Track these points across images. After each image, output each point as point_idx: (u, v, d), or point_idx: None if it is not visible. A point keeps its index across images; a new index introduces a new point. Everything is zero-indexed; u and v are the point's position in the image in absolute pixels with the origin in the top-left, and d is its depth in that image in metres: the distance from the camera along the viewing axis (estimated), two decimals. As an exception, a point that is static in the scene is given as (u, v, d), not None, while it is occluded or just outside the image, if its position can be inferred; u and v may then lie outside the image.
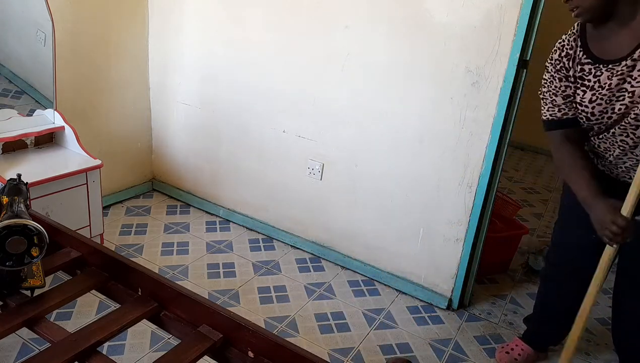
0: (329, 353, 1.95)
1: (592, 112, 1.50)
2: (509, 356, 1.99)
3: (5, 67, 2.35)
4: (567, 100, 1.56)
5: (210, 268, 2.41)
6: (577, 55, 1.49)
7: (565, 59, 1.51)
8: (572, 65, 1.51)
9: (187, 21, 2.65)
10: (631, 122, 1.43)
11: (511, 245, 2.61)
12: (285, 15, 2.32)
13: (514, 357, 1.99)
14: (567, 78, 1.53)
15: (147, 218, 2.80)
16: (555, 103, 1.57)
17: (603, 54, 1.45)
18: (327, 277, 2.44)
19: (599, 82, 1.45)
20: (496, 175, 2.09)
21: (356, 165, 2.34)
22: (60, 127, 2.31)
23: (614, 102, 1.44)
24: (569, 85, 1.53)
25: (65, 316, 1.98)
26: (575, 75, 1.51)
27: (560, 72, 1.54)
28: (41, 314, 1.08)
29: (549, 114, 1.59)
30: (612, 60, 1.42)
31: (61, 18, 2.29)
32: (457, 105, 2.03)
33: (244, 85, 2.55)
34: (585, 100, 1.50)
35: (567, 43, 1.51)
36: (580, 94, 1.51)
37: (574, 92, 1.54)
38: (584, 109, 1.51)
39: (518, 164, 4.44)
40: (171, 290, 1.12)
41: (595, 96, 1.47)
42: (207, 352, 1.03)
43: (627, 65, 1.39)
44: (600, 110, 1.48)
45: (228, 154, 2.74)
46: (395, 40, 2.09)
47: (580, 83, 1.50)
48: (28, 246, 1.01)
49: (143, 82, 2.87)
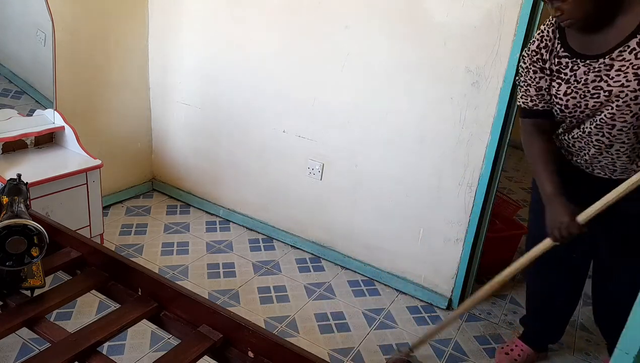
0: (329, 353, 1.95)
1: (565, 104, 1.50)
2: (509, 357, 1.99)
3: (5, 67, 2.35)
4: (539, 92, 1.56)
5: (210, 268, 2.41)
6: (555, 47, 1.48)
7: (544, 50, 1.50)
8: (549, 58, 1.50)
9: (187, 21, 2.65)
10: (607, 122, 1.43)
11: (511, 245, 2.61)
12: (286, 15, 2.32)
13: (513, 357, 1.99)
14: (543, 70, 1.52)
15: (147, 218, 2.80)
16: (528, 93, 1.58)
17: (581, 49, 1.44)
18: (327, 277, 2.44)
19: (575, 76, 1.45)
20: (496, 175, 2.09)
21: (356, 165, 2.34)
22: (60, 127, 2.31)
23: (588, 98, 1.44)
24: (543, 76, 1.53)
25: (65, 316, 1.98)
26: (551, 67, 1.51)
27: (536, 64, 1.53)
28: (41, 314, 1.08)
29: (522, 102, 1.61)
30: (590, 55, 1.41)
31: (61, 18, 2.29)
32: (457, 105, 2.03)
33: (244, 85, 2.55)
34: (560, 93, 1.49)
35: (546, 34, 1.50)
36: (555, 86, 1.51)
37: (549, 84, 1.53)
38: (559, 101, 1.51)
39: (518, 164, 4.44)
40: (171, 290, 1.12)
41: (570, 89, 1.47)
42: (207, 352, 1.03)
43: (604, 63, 1.38)
44: (574, 103, 1.48)
45: (228, 153, 2.74)
46: (395, 40, 2.09)
47: (556, 76, 1.50)
48: (28, 246, 1.01)
49: (143, 82, 2.87)
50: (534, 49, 1.52)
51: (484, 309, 2.32)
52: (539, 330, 2.01)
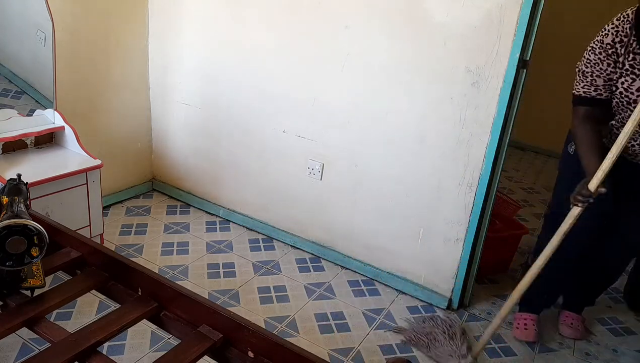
0: (329, 353, 1.95)
1: (635, 99, 1.58)
2: (528, 332, 2.12)
3: (5, 67, 2.35)
4: (607, 83, 1.64)
5: (210, 268, 2.41)
6: (630, 43, 1.54)
7: (619, 45, 1.56)
8: (624, 53, 1.56)
9: (187, 21, 2.65)
10: None
11: (511, 245, 2.61)
12: (286, 15, 2.32)
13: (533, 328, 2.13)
14: (616, 63, 1.58)
15: (147, 218, 2.80)
16: (594, 83, 1.65)
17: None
18: (327, 277, 2.44)
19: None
20: (496, 175, 2.09)
21: (356, 165, 2.34)
22: (60, 127, 2.31)
23: None
24: (615, 70, 1.60)
25: (65, 316, 1.98)
26: (624, 62, 1.57)
27: (611, 57, 1.58)
28: (41, 314, 1.08)
29: (583, 91, 1.69)
30: None
31: (61, 18, 2.29)
32: (457, 105, 2.03)
33: (244, 85, 2.55)
34: (633, 88, 1.57)
35: (622, 30, 1.55)
36: (628, 81, 1.58)
37: (618, 77, 1.60)
38: (629, 95, 1.59)
39: (518, 164, 4.44)
40: (171, 290, 1.12)
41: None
42: (207, 352, 1.03)
43: None
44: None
45: (228, 153, 2.74)
46: (395, 40, 2.09)
47: (630, 71, 1.57)
48: (28, 246, 1.01)
49: (143, 82, 2.87)
50: (609, 42, 1.57)
51: (484, 309, 2.32)
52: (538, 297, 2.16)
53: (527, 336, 2.12)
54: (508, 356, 2.04)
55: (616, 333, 2.26)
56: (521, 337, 2.13)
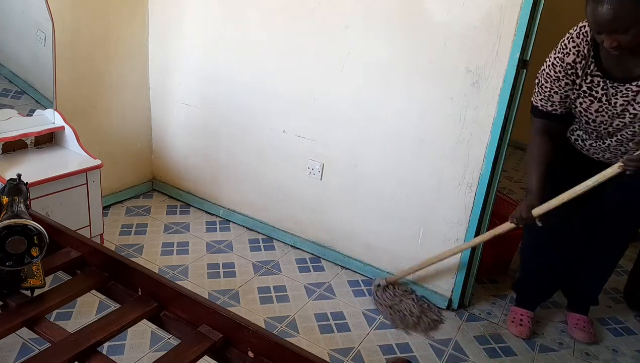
0: (329, 353, 1.95)
1: (593, 119, 1.59)
2: (523, 328, 2.15)
3: (5, 67, 2.35)
4: (563, 100, 1.63)
5: (210, 268, 2.41)
6: (588, 65, 1.52)
7: (579, 66, 1.53)
8: (581, 75, 1.54)
9: (187, 21, 2.65)
10: (628, 138, 1.56)
11: (511, 245, 2.61)
12: (286, 15, 2.32)
13: (527, 325, 2.15)
14: (574, 84, 1.57)
15: (147, 218, 2.80)
16: (551, 99, 1.65)
17: (613, 71, 1.48)
18: (327, 277, 2.44)
19: (606, 96, 1.51)
20: (496, 175, 2.09)
21: (356, 165, 2.34)
22: (60, 127, 2.31)
23: (615, 118, 1.53)
24: (572, 89, 1.58)
25: (65, 316, 1.98)
26: (581, 83, 1.55)
27: (569, 78, 1.57)
28: (41, 314, 1.08)
29: (540, 104, 1.69)
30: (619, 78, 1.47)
31: (61, 18, 2.29)
32: (457, 105, 2.03)
33: (244, 85, 2.55)
34: (591, 109, 1.57)
35: (582, 51, 1.51)
36: (587, 102, 1.57)
37: (575, 97, 1.59)
38: (588, 116, 1.59)
39: (518, 164, 4.44)
40: (171, 290, 1.12)
41: (601, 108, 1.54)
42: (207, 352, 1.03)
43: (631, 90, 1.45)
44: (601, 120, 1.57)
45: (228, 153, 2.74)
46: (395, 40, 2.09)
47: (588, 93, 1.55)
48: (28, 246, 1.01)
49: (143, 82, 2.87)
50: (569, 62, 1.54)
51: (484, 309, 2.32)
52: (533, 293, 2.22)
53: (520, 332, 2.14)
54: (508, 356, 2.04)
55: (616, 333, 2.26)
56: (515, 332, 2.15)
